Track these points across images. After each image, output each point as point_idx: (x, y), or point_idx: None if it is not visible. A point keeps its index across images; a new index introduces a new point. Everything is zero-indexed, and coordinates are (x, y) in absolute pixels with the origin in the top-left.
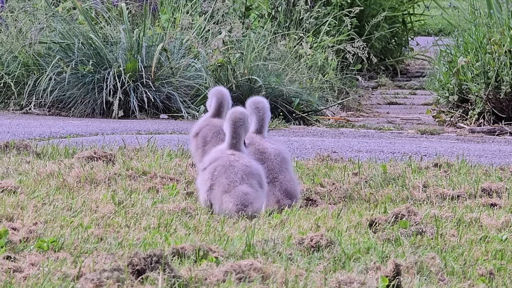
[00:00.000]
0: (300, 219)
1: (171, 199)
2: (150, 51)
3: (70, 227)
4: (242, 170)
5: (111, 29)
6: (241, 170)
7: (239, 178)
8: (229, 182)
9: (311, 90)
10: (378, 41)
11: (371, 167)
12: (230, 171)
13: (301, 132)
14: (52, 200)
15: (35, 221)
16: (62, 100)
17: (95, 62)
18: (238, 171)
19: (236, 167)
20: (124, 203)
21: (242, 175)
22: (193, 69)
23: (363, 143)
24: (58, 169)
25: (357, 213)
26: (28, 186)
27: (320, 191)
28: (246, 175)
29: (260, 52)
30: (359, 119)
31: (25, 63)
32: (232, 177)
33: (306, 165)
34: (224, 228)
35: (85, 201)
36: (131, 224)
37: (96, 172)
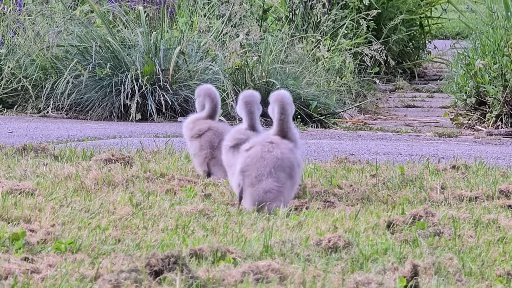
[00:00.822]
0: (318, 220)
1: (188, 201)
2: (167, 54)
3: (88, 228)
4: (272, 163)
5: (129, 32)
6: (272, 162)
7: (267, 172)
8: (256, 175)
9: (328, 93)
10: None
11: (388, 169)
12: (260, 163)
13: (318, 135)
14: (69, 202)
15: (53, 223)
16: (79, 103)
17: (112, 65)
18: (268, 164)
19: (267, 159)
20: (142, 205)
21: (271, 169)
22: (210, 72)
23: (381, 145)
24: (76, 171)
25: (374, 214)
26: (45, 188)
27: (338, 193)
28: (275, 169)
29: (277, 55)
30: (376, 122)
31: (43, 66)
32: (261, 170)
33: (323, 167)
34: (242, 230)
35: (102, 203)
36: (148, 225)
37: (113, 174)
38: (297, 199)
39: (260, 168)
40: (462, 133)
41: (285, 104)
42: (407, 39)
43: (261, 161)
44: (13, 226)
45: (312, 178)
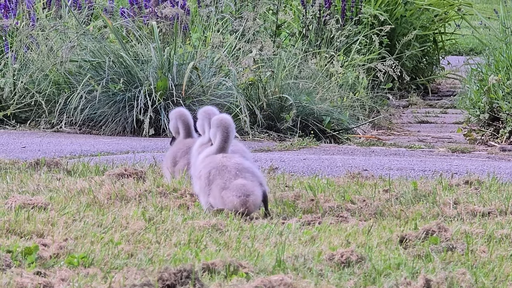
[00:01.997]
0: (330, 235)
1: (201, 216)
2: (180, 70)
3: (101, 243)
4: (235, 167)
5: (142, 47)
6: (234, 167)
7: (233, 174)
8: (224, 180)
9: (342, 108)
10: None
11: (402, 184)
12: (224, 171)
13: (332, 151)
14: (82, 217)
15: (66, 237)
16: (92, 119)
17: (126, 81)
18: (232, 169)
19: (228, 166)
20: (155, 219)
21: (236, 172)
22: (224, 88)
23: (394, 161)
24: (89, 186)
25: (387, 229)
26: (58, 202)
27: (351, 208)
28: (239, 171)
29: (291, 70)
30: (390, 138)
31: (56, 81)
32: (227, 176)
33: (337, 182)
34: (255, 244)
35: (115, 218)
36: (161, 240)
37: (126, 189)
38: (310, 214)
39: (225, 174)
40: (475, 149)
41: (230, 130)
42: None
43: (224, 169)
44: (26, 241)
45: (325, 193)
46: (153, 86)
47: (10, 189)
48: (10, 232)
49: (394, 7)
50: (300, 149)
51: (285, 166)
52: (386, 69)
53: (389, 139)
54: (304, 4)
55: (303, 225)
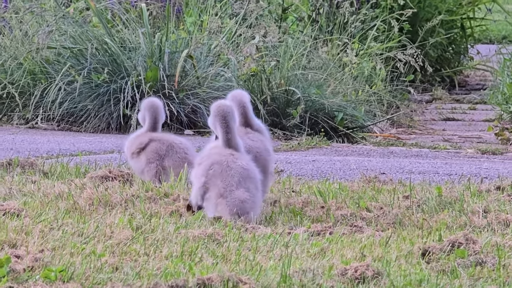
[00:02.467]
0: (343, 247)
1: (196, 224)
2: (173, 58)
3: (81, 254)
4: (239, 173)
5: (129, 33)
6: (238, 173)
7: (236, 182)
8: (225, 186)
9: (356, 103)
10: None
11: (424, 190)
12: (226, 173)
13: (345, 151)
14: (60, 225)
15: (42, 248)
16: (73, 113)
17: (110, 70)
18: (235, 173)
19: (233, 169)
20: (143, 228)
21: (239, 179)
22: (222, 79)
23: (416, 163)
24: (68, 190)
25: (408, 240)
26: (33, 208)
27: (366, 216)
28: (243, 179)
29: (298, 60)
30: (411, 137)
31: (31, 71)
32: (229, 180)
33: (350, 187)
34: (257, 257)
35: (98, 226)
36: (150, 252)
37: (111, 194)
38: (320, 223)
39: (228, 178)
40: (508, 150)
41: (229, 118)
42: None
43: (228, 171)
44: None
45: (337, 199)
46: (142, 77)
47: None
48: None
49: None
50: (308, 149)
51: (291, 168)
52: (407, 58)
53: (410, 139)
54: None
55: (312, 236)
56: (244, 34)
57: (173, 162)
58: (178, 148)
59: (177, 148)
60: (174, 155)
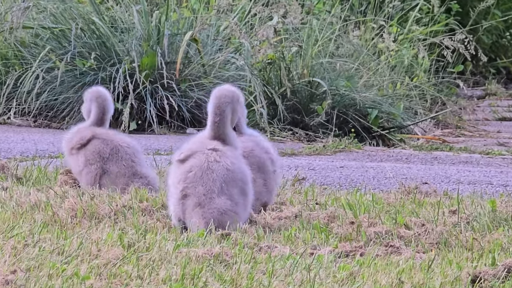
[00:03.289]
0: (376, 271)
1: (200, 242)
2: (174, 42)
3: (62, 277)
4: (222, 176)
5: (122, 11)
6: (221, 176)
7: (218, 187)
8: (205, 192)
9: (394, 98)
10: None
11: (475, 203)
12: (207, 177)
13: (379, 156)
14: (37, 241)
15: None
16: (53, 107)
17: (99, 56)
18: (217, 177)
19: (215, 171)
20: (136, 246)
21: (221, 184)
22: (233, 68)
23: (465, 171)
24: (46, 198)
25: (455, 264)
26: (4, 221)
27: (405, 235)
28: (226, 184)
29: (325, 45)
30: (459, 140)
31: (3, 55)
32: (210, 186)
33: (386, 199)
34: (273, 282)
35: (82, 243)
36: (145, 274)
37: (98, 204)
38: (349, 242)
39: (208, 183)
40: None
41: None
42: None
43: (209, 174)
44: None
45: (370, 214)
46: (136, 64)
47: None
48: None
49: None
50: (336, 153)
51: (315, 175)
52: (456, 45)
53: (458, 142)
54: None
55: (339, 257)
56: (260, 13)
57: (117, 168)
58: (125, 153)
59: (123, 152)
60: (119, 161)
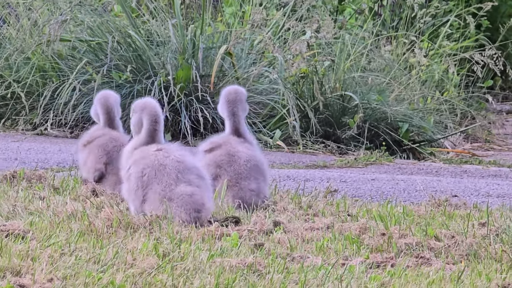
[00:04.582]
0: (407, 282)
1: (233, 252)
2: (209, 55)
3: (97, 285)
4: (175, 167)
5: (158, 24)
6: (174, 168)
7: (174, 178)
8: (163, 187)
9: (424, 112)
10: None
11: (504, 216)
12: (161, 173)
13: (410, 169)
14: (73, 250)
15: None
16: (89, 118)
17: (134, 68)
18: (171, 170)
19: (167, 165)
20: (171, 255)
21: (177, 174)
22: (266, 81)
23: (494, 185)
24: (83, 208)
25: (484, 276)
26: (41, 230)
27: (435, 246)
28: (180, 173)
29: (357, 60)
30: (488, 153)
31: (41, 67)
32: (166, 180)
33: (416, 211)
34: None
35: (118, 252)
36: (179, 283)
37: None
38: (380, 253)
39: (164, 178)
40: None
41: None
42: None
43: (162, 170)
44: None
45: (401, 226)
46: (171, 77)
47: None
48: None
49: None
50: (367, 165)
51: (347, 188)
52: (486, 60)
53: (487, 155)
54: None
55: (370, 268)
56: (293, 28)
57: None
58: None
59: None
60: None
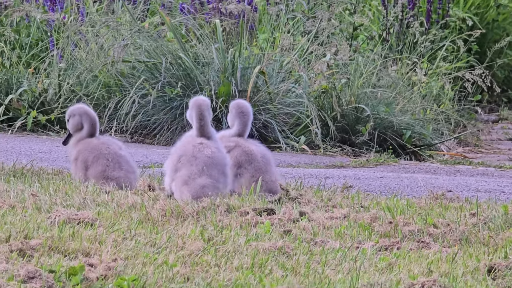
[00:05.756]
0: (410, 262)
1: (266, 237)
2: (245, 74)
3: (154, 264)
4: (203, 161)
5: (203, 48)
6: (203, 161)
7: (199, 170)
8: (189, 174)
9: (424, 121)
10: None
11: (490, 208)
12: (191, 163)
13: (412, 168)
14: (133, 235)
15: (115, 257)
16: (146, 126)
17: (184, 85)
18: (200, 162)
19: (198, 158)
20: (214, 239)
21: (203, 167)
22: (293, 95)
23: (482, 182)
24: (141, 200)
25: (474, 257)
26: (107, 218)
27: (433, 233)
28: (207, 167)
29: (368, 78)
30: (477, 156)
31: (106, 83)
32: (193, 169)
33: (418, 204)
34: (326, 270)
35: (170, 237)
36: (221, 263)
37: (183, 206)
38: (388, 238)
39: (192, 168)
40: None
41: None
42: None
43: (193, 161)
44: (71, 260)
45: (405, 215)
46: (214, 92)
47: (53, 202)
48: (53, 250)
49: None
50: (376, 165)
51: (360, 184)
52: (475, 79)
53: (476, 157)
54: (385, 5)
55: (379, 250)
56: (315, 51)
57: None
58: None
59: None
60: (99, 166)
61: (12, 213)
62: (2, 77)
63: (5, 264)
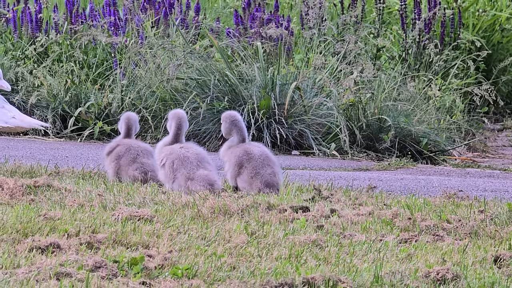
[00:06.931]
0: (427, 253)
1: (302, 231)
2: (283, 89)
3: (204, 255)
4: (195, 158)
5: (247, 67)
6: (195, 158)
7: (195, 165)
8: (189, 171)
9: (438, 130)
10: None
11: (496, 205)
12: (186, 162)
13: (428, 171)
14: (186, 230)
15: (170, 249)
16: (197, 135)
17: (230, 99)
18: (193, 159)
19: (190, 157)
20: (257, 233)
21: (197, 162)
22: (325, 108)
23: (489, 183)
24: (193, 200)
25: (482, 249)
26: (163, 215)
27: (447, 227)
28: (199, 161)
29: (390, 92)
30: (484, 160)
31: (163, 98)
32: (190, 166)
33: (433, 202)
34: (353, 260)
35: (218, 231)
36: (263, 254)
37: (229, 204)
38: (407, 232)
39: (188, 165)
40: None
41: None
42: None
43: (186, 160)
44: (132, 251)
45: (422, 212)
46: (256, 105)
47: (117, 201)
48: (117, 243)
49: (491, 34)
50: (397, 169)
51: (383, 185)
52: (482, 93)
53: (483, 162)
54: (404, 29)
55: (400, 243)
56: (344, 70)
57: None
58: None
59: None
60: (130, 155)
61: (81, 211)
62: (72, 92)
63: (75, 255)
